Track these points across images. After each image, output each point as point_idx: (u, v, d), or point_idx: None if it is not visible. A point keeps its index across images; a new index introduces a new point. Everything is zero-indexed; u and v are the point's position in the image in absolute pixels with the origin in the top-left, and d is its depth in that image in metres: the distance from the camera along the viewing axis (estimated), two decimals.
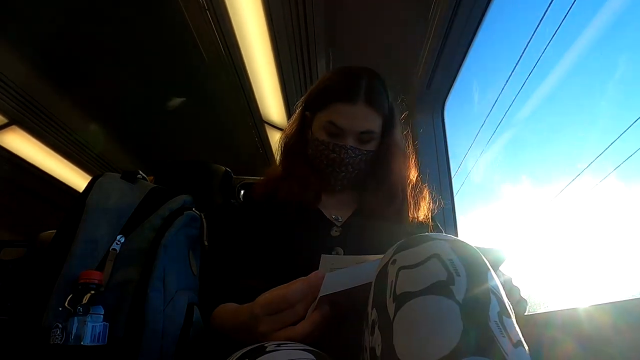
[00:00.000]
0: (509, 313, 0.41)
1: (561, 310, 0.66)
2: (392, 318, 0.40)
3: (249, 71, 2.17)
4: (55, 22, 2.07)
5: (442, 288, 0.39)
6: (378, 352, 0.40)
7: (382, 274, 0.45)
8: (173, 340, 0.69)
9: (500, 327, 0.38)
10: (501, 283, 0.43)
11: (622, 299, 0.59)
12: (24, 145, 3.02)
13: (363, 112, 0.82)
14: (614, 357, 0.56)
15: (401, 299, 0.40)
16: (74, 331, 0.56)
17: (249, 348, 0.48)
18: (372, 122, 0.84)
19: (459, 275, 0.40)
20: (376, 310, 0.43)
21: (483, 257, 0.44)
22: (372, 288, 0.46)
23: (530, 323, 0.74)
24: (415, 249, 0.44)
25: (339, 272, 0.52)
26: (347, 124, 0.82)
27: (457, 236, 0.47)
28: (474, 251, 0.44)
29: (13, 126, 2.82)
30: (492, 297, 0.40)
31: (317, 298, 0.51)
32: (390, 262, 0.45)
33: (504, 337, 0.38)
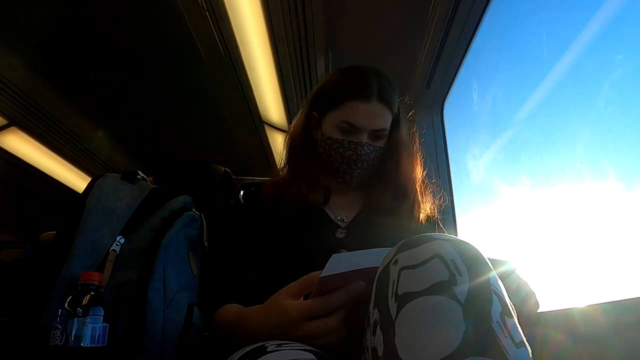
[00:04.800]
0: (511, 313, 0.41)
1: (554, 310, 0.66)
2: (394, 318, 0.40)
3: (248, 71, 2.16)
4: (53, 23, 2.07)
5: (444, 288, 0.39)
6: (380, 352, 0.40)
7: (384, 274, 0.45)
8: (173, 341, 0.68)
9: (502, 327, 0.38)
10: (507, 281, 0.43)
11: (614, 299, 0.59)
12: (23, 147, 3.02)
13: (377, 109, 0.83)
14: (606, 356, 0.56)
15: (403, 299, 0.40)
16: (73, 332, 0.56)
17: (249, 348, 0.48)
18: (385, 120, 0.84)
19: (461, 276, 0.40)
20: (378, 310, 0.43)
21: (485, 257, 0.44)
22: (374, 288, 0.46)
23: (523, 322, 0.73)
24: (417, 249, 0.43)
25: (344, 255, 0.52)
26: (362, 122, 0.82)
27: (457, 236, 0.47)
28: (476, 251, 0.44)
29: (12, 127, 2.81)
30: (494, 297, 0.40)
31: (319, 278, 0.51)
32: (392, 262, 0.44)
33: (506, 337, 0.37)
